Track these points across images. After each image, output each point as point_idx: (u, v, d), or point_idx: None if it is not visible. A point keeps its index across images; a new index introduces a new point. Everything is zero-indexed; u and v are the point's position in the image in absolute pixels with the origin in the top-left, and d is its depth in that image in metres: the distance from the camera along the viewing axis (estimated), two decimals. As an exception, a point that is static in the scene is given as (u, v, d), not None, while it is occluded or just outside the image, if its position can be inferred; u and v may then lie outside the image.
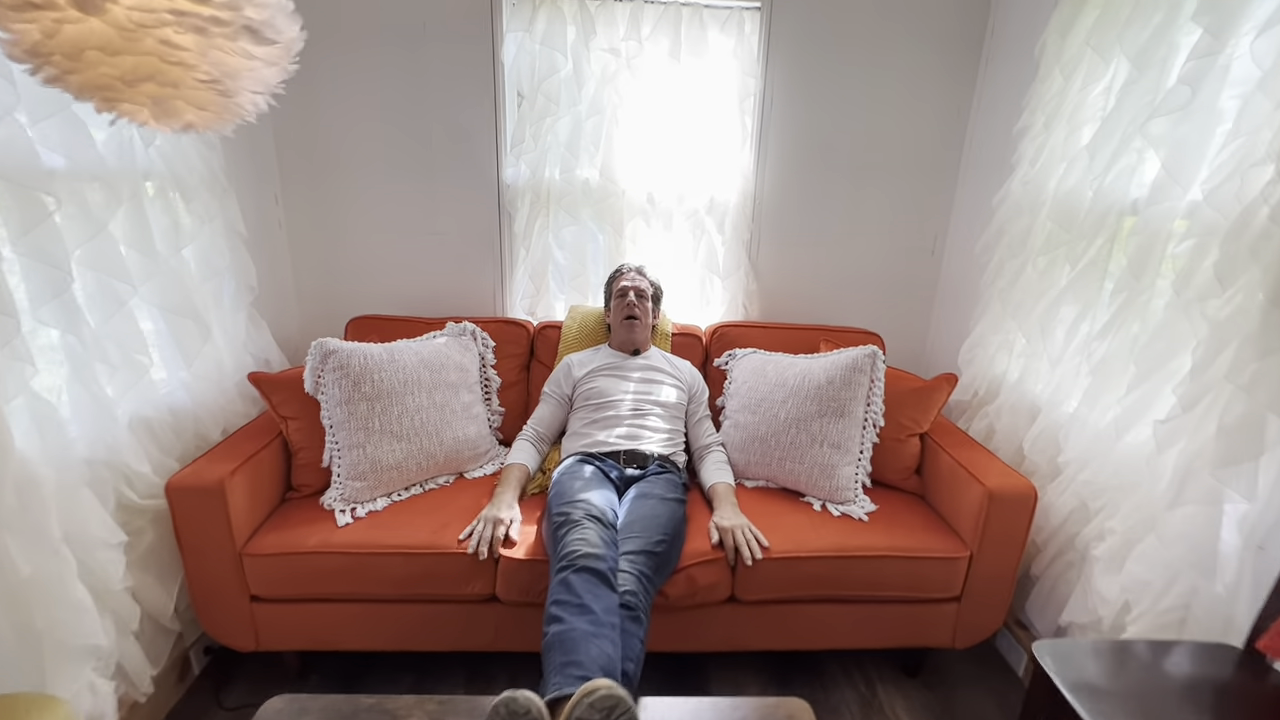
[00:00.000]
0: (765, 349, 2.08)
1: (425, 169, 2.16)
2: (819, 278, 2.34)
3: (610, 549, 1.36)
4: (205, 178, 1.65)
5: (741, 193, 2.18)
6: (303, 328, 2.28)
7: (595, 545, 1.33)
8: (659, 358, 1.98)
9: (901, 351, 2.38)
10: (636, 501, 1.57)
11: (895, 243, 2.31)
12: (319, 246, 2.23)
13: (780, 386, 1.85)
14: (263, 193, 2.09)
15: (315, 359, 1.67)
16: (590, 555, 1.29)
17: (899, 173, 2.24)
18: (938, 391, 1.83)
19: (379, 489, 1.67)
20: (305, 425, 1.69)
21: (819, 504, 1.74)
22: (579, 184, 2.15)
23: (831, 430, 1.76)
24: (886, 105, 2.17)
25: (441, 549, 1.53)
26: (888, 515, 1.71)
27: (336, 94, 2.08)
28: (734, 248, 2.24)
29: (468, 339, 1.97)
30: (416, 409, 1.73)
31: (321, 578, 1.53)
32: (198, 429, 1.65)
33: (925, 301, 2.39)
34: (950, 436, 1.86)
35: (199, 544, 1.49)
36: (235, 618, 1.56)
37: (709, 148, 2.14)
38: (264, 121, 2.05)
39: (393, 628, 1.60)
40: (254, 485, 1.57)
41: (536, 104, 2.04)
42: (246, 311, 1.87)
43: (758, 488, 1.84)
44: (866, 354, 1.79)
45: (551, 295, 2.29)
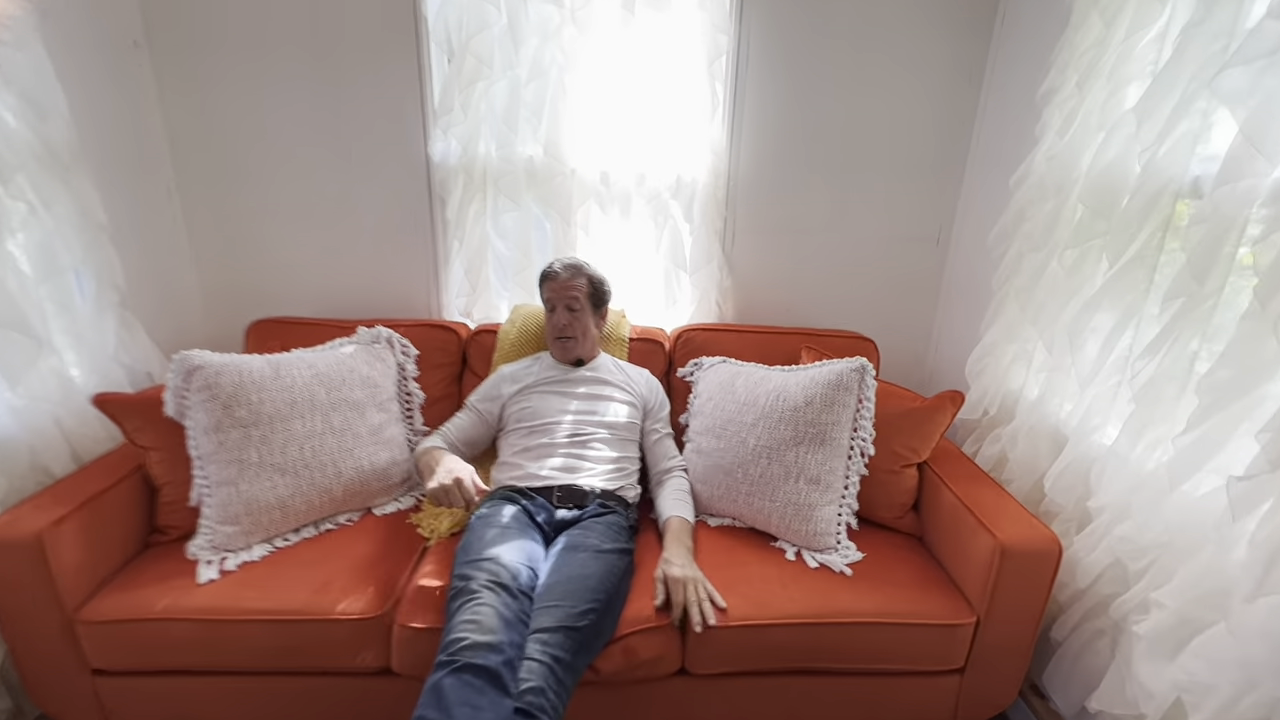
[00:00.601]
0: (738, 357, 1.76)
1: (340, 147, 1.84)
2: (804, 272, 2.02)
3: (513, 630, 1.07)
4: (38, 155, 1.34)
5: (712, 172, 1.85)
6: (210, 334, 1.98)
7: (489, 630, 1.03)
8: (609, 367, 1.67)
9: (898, 359, 2.06)
10: (563, 556, 1.27)
11: (894, 231, 1.98)
12: (224, 241, 1.92)
13: (750, 406, 1.53)
14: (150, 182, 1.78)
15: (177, 376, 1.37)
16: (478, 647, 0.99)
17: (899, 148, 1.90)
18: (939, 413, 1.51)
19: (257, 534, 1.38)
20: (168, 456, 1.39)
21: (793, 551, 1.43)
22: (520, 162, 1.82)
23: (809, 461, 1.45)
24: (884, 67, 1.82)
25: (319, 615, 1.24)
26: (876, 566, 1.41)
27: (234, 63, 1.76)
28: (704, 237, 1.91)
29: (382, 347, 1.66)
30: (307, 435, 1.43)
31: (173, 648, 1.25)
32: (34, 462, 1.36)
33: (928, 301, 2.06)
34: (954, 466, 1.55)
35: (18, 609, 1.21)
36: (73, 694, 1.28)
37: (673, 119, 1.81)
38: (146, 95, 1.74)
39: (266, 707, 1.32)
40: (95, 533, 1.28)
41: (465, 66, 1.71)
42: (116, 315, 1.57)
43: (722, 527, 1.54)
44: (853, 369, 1.48)
45: (493, 293, 1.97)
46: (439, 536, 1.47)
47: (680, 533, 1.41)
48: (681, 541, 1.39)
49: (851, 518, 1.50)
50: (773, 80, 1.83)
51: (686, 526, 1.44)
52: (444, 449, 1.53)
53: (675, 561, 1.31)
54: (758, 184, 1.92)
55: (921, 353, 2.11)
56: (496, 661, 0.99)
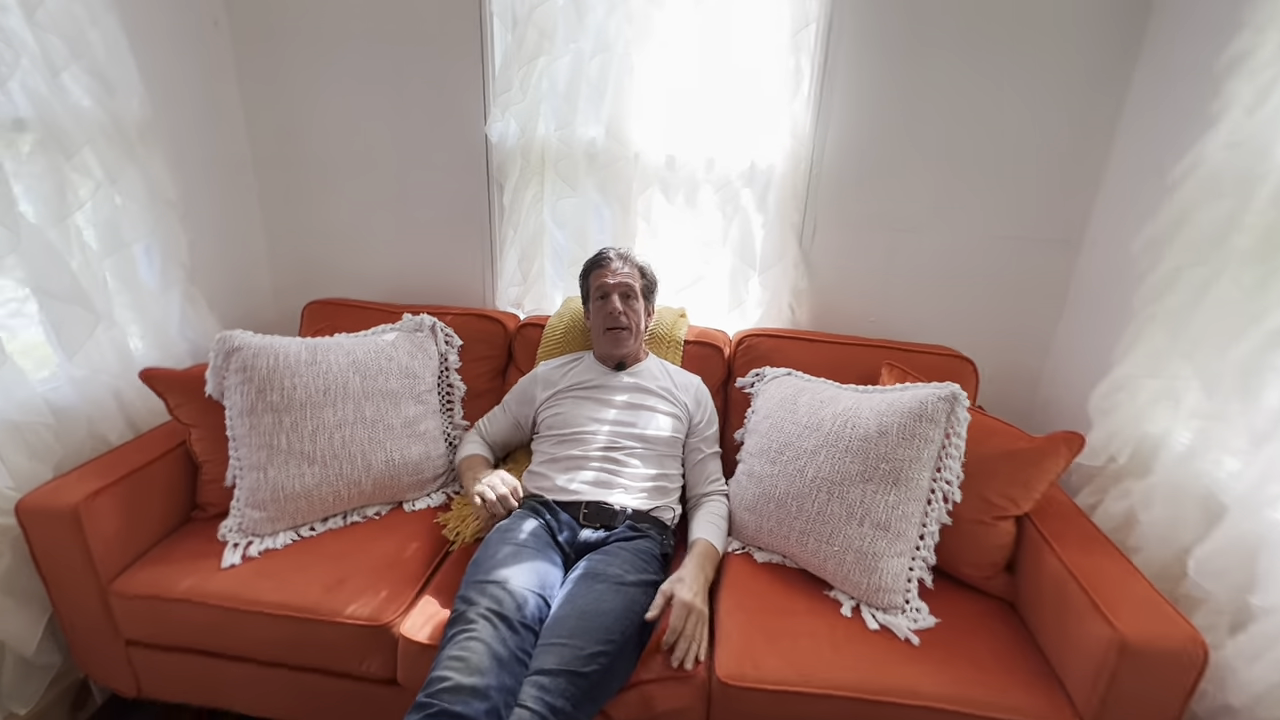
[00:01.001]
0: (806, 369, 1.55)
1: (403, 127, 1.80)
2: (894, 276, 1.75)
3: (506, 671, 0.95)
4: (106, 131, 1.37)
5: (792, 157, 1.63)
6: (280, 313, 2.02)
7: (476, 670, 0.92)
8: (655, 373, 1.51)
9: (1004, 385, 1.74)
10: (579, 585, 1.13)
11: (1012, 230, 1.67)
12: (293, 222, 1.94)
13: (812, 430, 1.33)
14: (227, 161, 1.81)
15: (218, 356, 1.36)
16: (460, 691, 0.88)
17: (1025, 131, 1.59)
18: (1050, 457, 1.24)
19: (282, 521, 1.35)
20: (208, 434, 1.40)
21: (850, 605, 1.22)
22: (580, 144, 1.69)
23: (878, 503, 1.22)
24: (1010, 33, 1.52)
25: (326, 616, 1.19)
26: (952, 636, 1.17)
27: (306, 43, 1.75)
28: (778, 231, 1.70)
29: (425, 336, 1.60)
30: (337, 424, 1.39)
31: (192, 630, 1.25)
32: (92, 430, 1.41)
33: (1047, 316, 1.73)
34: (1064, 524, 1.26)
35: (60, 576, 1.25)
36: (111, 660, 1.31)
37: (749, 97, 1.60)
38: (224, 74, 1.76)
39: (282, 696, 1.30)
40: (135, 506, 1.30)
41: (527, 39, 1.59)
42: (181, 290, 1.61)
43: (770, 564, 1.35)
44: (941, 396, 1.23)
45: (547, 284, 1.87)
46: (463, 541, 1.39)
47: (704, 558, 1.25)
48: (702, 567, 1.23)
49: (926, 573, 1.26)
50: (870, 52, 1.57)
51: (712, 554, 1.28)
52: (485, 457, 1.49)
53: (689, 584, 1.16)
54: (845, 172, 1.68)
55: (1034, 379, 1.78)
56: (479, 710, 0.87)
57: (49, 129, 1.26)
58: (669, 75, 1.60)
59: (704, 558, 1.25)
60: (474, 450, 1.50)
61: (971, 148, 1.61)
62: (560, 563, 1.22)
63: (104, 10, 1.36)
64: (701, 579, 1.20)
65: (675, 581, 1.17)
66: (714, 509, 1.38)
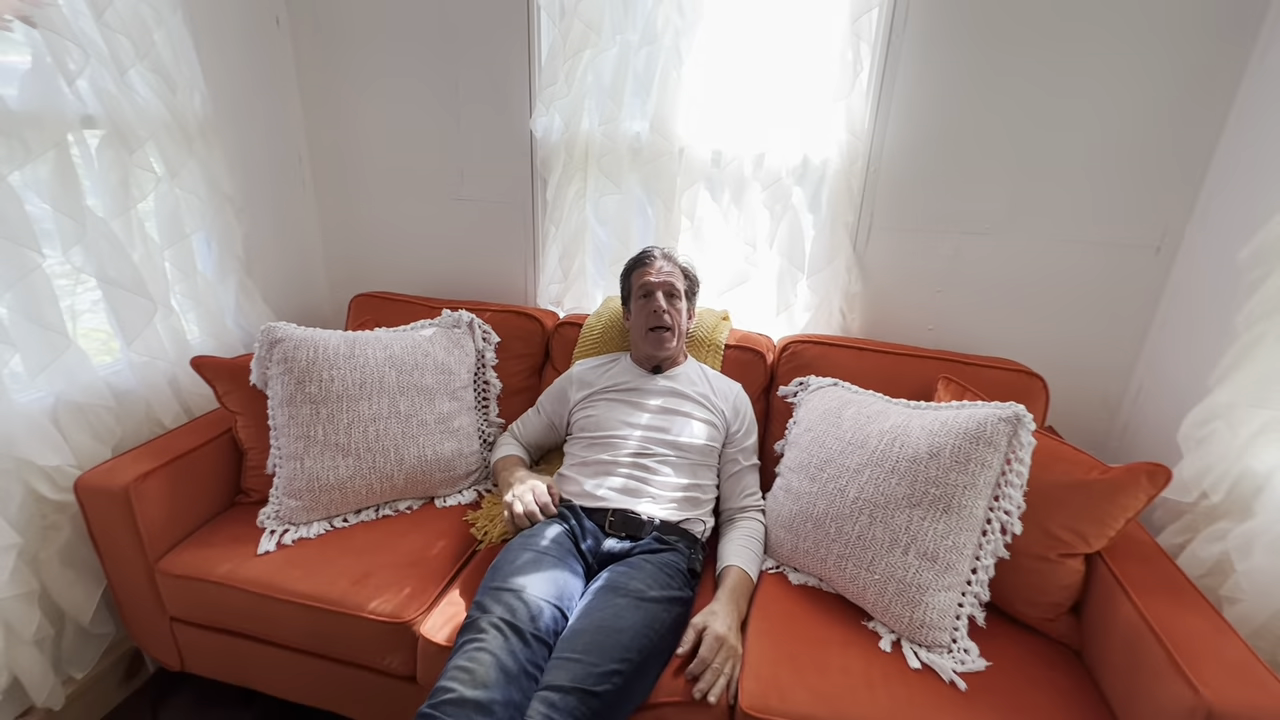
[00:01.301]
0: (854, 380, 1.45)
1: (451, 123, 1.80)
2: (958, 281, 1.62)
3: (514, 685, 0.92)
4: (168, 126, 1.42)
5: (847, 154, 1.53)
6: (334, 306, 2.08)
7: (482, 684, 0.89)
8: (693, 377, 1.45)
9: (1078, 406, 1.59)
10: (598, 597, 1.09)
11: (1095, 234, 1.51)
12: (346, 215, 1.99)
13: (856, 447, 1.24)
14: (285, 156, 1.87)
15: (263, 346, 1.40)
16: (464, 705, 0.86)
17: (1115, 125, 1.43)
18: (1128, 491, 1.10)
19: (317, 511, 1.38)
20: (252, 422, 1.44)
21: (890, 638, 1.13)
22: (624, 139, 1.64)
23: (926, 530, 1.12)
24: (1100, 20, 1.36)
25: (351, 610, 1.19)
26: (1004, 682, 1.06)
27: (361, 39, 1.77)
28: (831, 231, 1.60)
29: (462, 332, 1.60)
30: (373, 417, 1.40)
31: (228, 612, 1.28)
32: (149, 414, 1.48)
33: (1133, 331, 1.56)
34: (1144, 568, 1.13)
35: (113, 551, 1.31)
36: (157, 633, 1.37)
37: (803, 88, 1.51)
38: (284, 71, 1.81)
39: (312, 682, 1.32)
40: (181, 489, 1.35)
41: (572, 32, 1.56)
42: (236, 281, 1.66)
43: (805, 587, 1.27)
44: (1003, 417, 1.12)
45: (588, 282, 1.83)
46: (490, 541, 1.38)
47: (737, 590, 1.19)
48: (735, 601, 1.16)
49: (978, 610, 1.15)
50: (940, 39, 1.45)
51: (746, 584, 1.21)
52: (521, 457, 1.48)
53: (722, 618, 1.10)
54: (906, 169, 1.56)
55: (1114, 402, 1.61)
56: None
57: (115, 125, 1.32)
58: (718, 67, 1.53)
59: (737, 590, 1.18)
60: (510, 451, 1.49)
61: (1053, 142, 1.47)
62: (581, 572, 1.18)
63: (169, 11, 1.41)
64: (735, 613, 1.14)
65: (708, 615, 1.11)
66: (748, 529, 1.31)
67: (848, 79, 1.46)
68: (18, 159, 1.17)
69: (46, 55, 1.19)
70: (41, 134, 1.20)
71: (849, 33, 1.43)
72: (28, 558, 1.25)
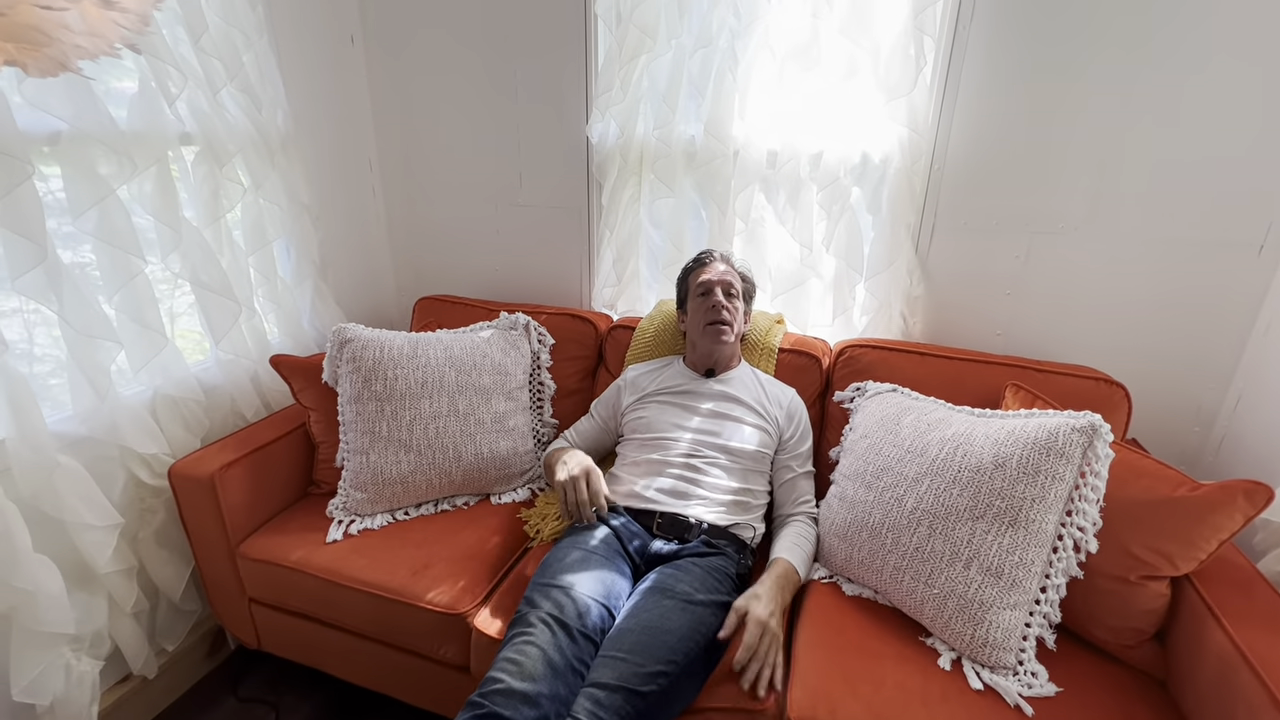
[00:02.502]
0: (915, 386, 1.40)
1: (512, 130, 1.86)
2: (1030, 285, 1.53)
3: (560, 680, 0.94)
4: (254, 141, 1.53)
5: (910, 151, 1.48)
6: (402, 308, 2.18)
7: (529, 677, 0.91)
8: (747, 382, 1.44)
9: (1165, 417, 1.47)
10: (646, 598, 1.10)
11: (1186, 231, 1.40)
12: (414, 221, 2.08)
13: (915, 455, 1.19)
14: (357, 167, 1.97)
15: (334, 346, 1.48)
16: (512, 696, 0.88)
17: (1215, 103, 1.32)
18: (1223, 510, 1.01)
19: (380, 504, 1.45)
20: (324, 418, 1.53)
21: (950, 656, 1.08)
22: (679, 143, 1.65)
23: (990, 545, 1.07)
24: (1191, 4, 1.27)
25: (410, 599, 1.24)
26: (1076, 711, 0.99)
27: (427, 51, 1.86)
28: (891, 232, 1.55)
29: (519, 334, 1.64)
30: (433, 415, 1.46)
31: (300, 596, 1.37)
32: (233, 408, 1.59)
33: (1231, 337, 1.43)
34: (1240, 595, 1.03)
35: (200, 533, 1.42)
36: (237, 613, 1.47)
37: (862, 86, 1.47)
38: (358, 87, 1.92)
39: (374, 667, 1.38)
40: (260, 478, 1.45)
41: (628, 39, 1.58)
42: (312, 284, 1.77)
43: (859, 598, 1.23)
44: (1076, 426, 1.05)
45: (642, 285, 1.85)
46: (542, 539, 1.41)
47: (783, 579, 1.17)
48: (780, 589, 1.15)
49: (1047, 632, 1.08)
50: (1010, 31, 1.38)
51: (792, 577, 1.19)
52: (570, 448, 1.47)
53: (764, 602, 1.09)
54: (973, 168, 1.49)
55: (1209, 415, 1.48)
56: (528, 717, 0.87)
57: (208, 142, 1.43)
58: (774, 66, 1.51)
59: (783, 579, 1.16)
60: (562, 445, 1.51)
61: (1140, 134, 1.37)
62: (629, 573, 1.19)
63: (257, 34, 1.52)
64: (779, 599, 1.12)
65: (750, 598, 1.10)
66: (800, 530, 1.29)
67: (910, 74, 1.41)
68: (126, 174, 1.29)
69: (151, 79, 1.31)
70: (146, 151, 1.32)
71: (911, 27, 1.38)
72: (128, 537, 1.37)
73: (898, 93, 1.43)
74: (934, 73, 1.44)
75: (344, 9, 1.84)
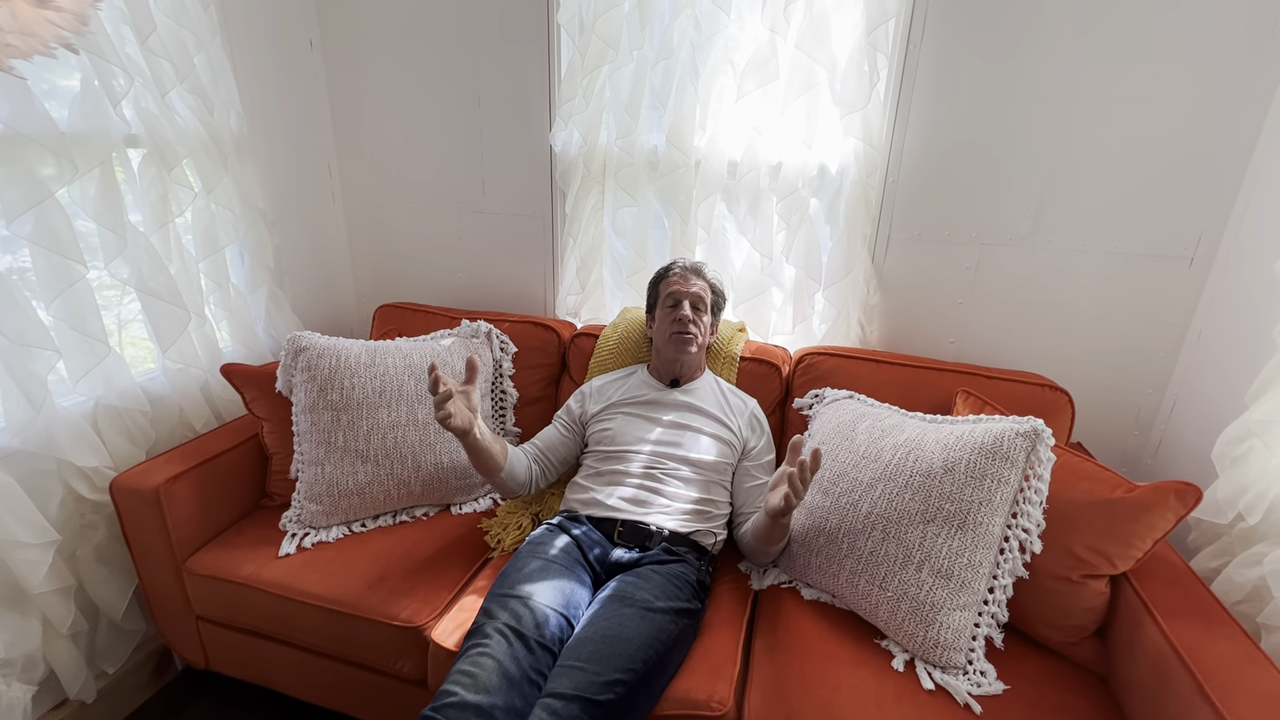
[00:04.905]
0: (871, 393, 1.43)
1: (474, 138, 1.85)
2: (981, 293, 1.59)
3: (516, 691, 0.93)
4: (205, 144, 1.49)
5: (865, 164, 1.52)
6: (362, 316, 2.14)
7: (484, 689, 0.90)
8: (709, 392, 1.45)
9: (1106, 422, 1.54)
10: (605, 607, 1.09)
11: (1126, 243, 1.47)
12: (373, 227, 2.05)
13: (869, 461, 1.22)
14: (315, 172, 1.94)
15: (288, 354, 1.45)
16: (465, 709, 0.87)
17: (1151, 125, 1.39)
18: (1156, 510, 1.06)
19: (336, 515, 1.41)
20: (277, 428, 1.49)
21: (904, 658, 1.10)
22: (641, 152, 1.66)
23: (940, 547, 1.10)
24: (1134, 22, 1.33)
25: (364, 612, 1.22)
26: (1023, 708, 1.02)
27: (387, 58, 1.84)
28: (848, 242, 1.59)
29: (480, 342, 1.63)
30: (391, 425, 1.44)
31: (250, 613, 1.32)
32: (181, 419, 1.54)
33: (1165, 345, 1.50)
34: (1174, 592, 1.08)
35: (144, 550, 1.36)
36: (184, 631, 1.42)
37: (818, 100, 1.51)
38: (317, 91, 1.89)
39: (328, 684, 1.35)
40: (209, 491, 1.40)
41: (590, 49, 1.59)
42: (267, 291, 1.73)
43: (817, 602, 1.25)
44: (1020, 431, 1.09)
45: (606, 294, 1.85)
46: (502, 549, 1.39)
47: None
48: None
49: (995, 631, 1.12)
50: (961, 47, 1.43)
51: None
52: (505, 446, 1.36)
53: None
54: (926, 180, 1.54)
55: (1146, 418, 1.55)
56: (481, 731, 0.85)
57: (156, 144, 1.39)
58: (734, 79, 1.54)
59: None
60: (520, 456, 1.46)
61: (1080, 150, 1.43)
62: (589, 582, 1.18)
63: (209, 36, 1.48)
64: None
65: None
66: None
67: (864, 90, 1.45)
68: (66, 177, 1.24)
69: (94, 79, 1.27)
70: (88, 153, 1.27)
71: (865, 44, 1.43)
72: (66, 555, 1.31)
73: (853, 107, 1.47)
74: (887, 88, 1.49)
75: (302, 13, 1.81)
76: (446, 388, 1.12)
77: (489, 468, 1.29)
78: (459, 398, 1.17)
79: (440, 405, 1.12)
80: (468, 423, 1.18)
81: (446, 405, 1.12)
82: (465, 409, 1.19)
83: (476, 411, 1.22)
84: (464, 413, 1.18)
